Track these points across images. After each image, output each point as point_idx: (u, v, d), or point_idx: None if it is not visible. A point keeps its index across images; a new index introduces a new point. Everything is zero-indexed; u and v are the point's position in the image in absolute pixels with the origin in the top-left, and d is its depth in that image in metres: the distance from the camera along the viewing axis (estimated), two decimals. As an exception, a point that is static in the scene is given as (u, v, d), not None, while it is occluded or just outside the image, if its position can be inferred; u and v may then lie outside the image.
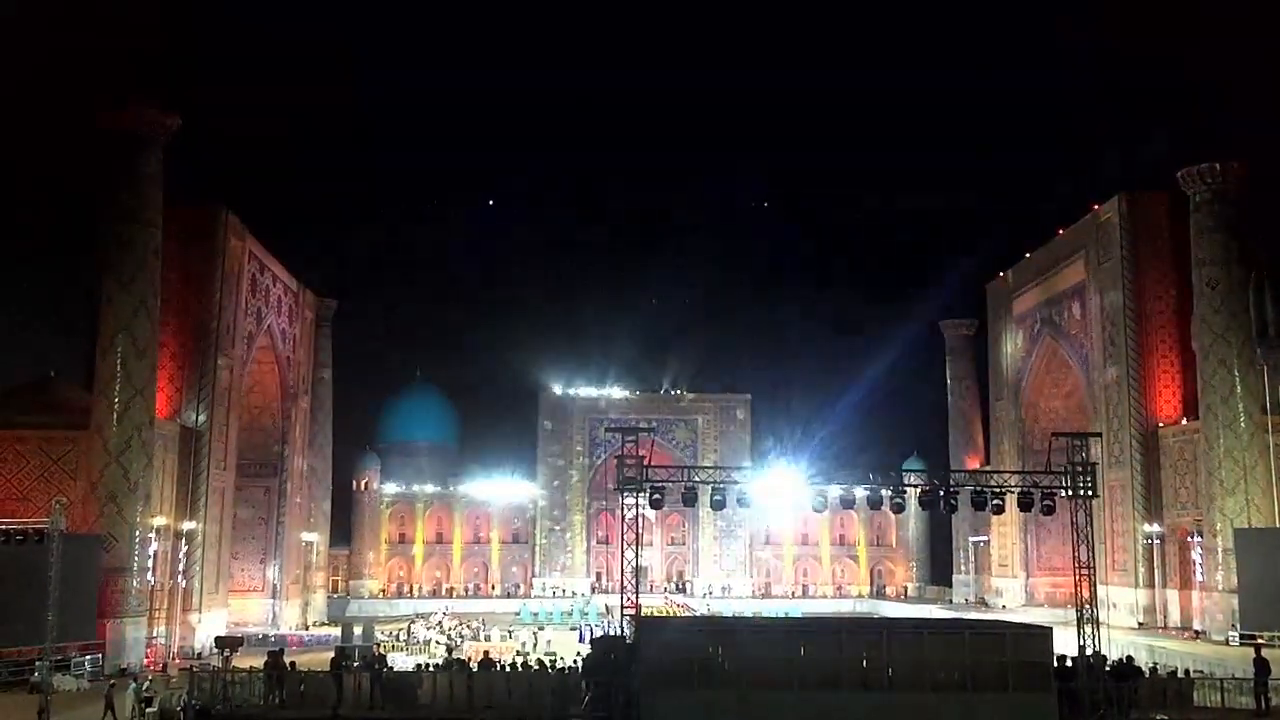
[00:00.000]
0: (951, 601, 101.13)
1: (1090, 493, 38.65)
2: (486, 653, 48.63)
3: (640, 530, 41.16)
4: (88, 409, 56.45)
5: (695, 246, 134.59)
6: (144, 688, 39.01)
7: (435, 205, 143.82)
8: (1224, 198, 67.24)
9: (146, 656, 55.82)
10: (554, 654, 53.34)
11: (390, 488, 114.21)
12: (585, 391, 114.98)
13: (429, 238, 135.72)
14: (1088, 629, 36.04)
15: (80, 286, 65.96)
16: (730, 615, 75.42)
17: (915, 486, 43.28)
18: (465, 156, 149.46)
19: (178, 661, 56.79)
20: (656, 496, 40.63)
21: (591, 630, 65.86)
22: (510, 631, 72.75)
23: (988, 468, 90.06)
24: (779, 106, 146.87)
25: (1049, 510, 41.74)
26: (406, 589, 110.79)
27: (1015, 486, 42.43)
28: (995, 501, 42.10)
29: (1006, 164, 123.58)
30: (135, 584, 55.70)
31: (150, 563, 58.24)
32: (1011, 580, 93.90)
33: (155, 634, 58.94)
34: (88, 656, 49.75)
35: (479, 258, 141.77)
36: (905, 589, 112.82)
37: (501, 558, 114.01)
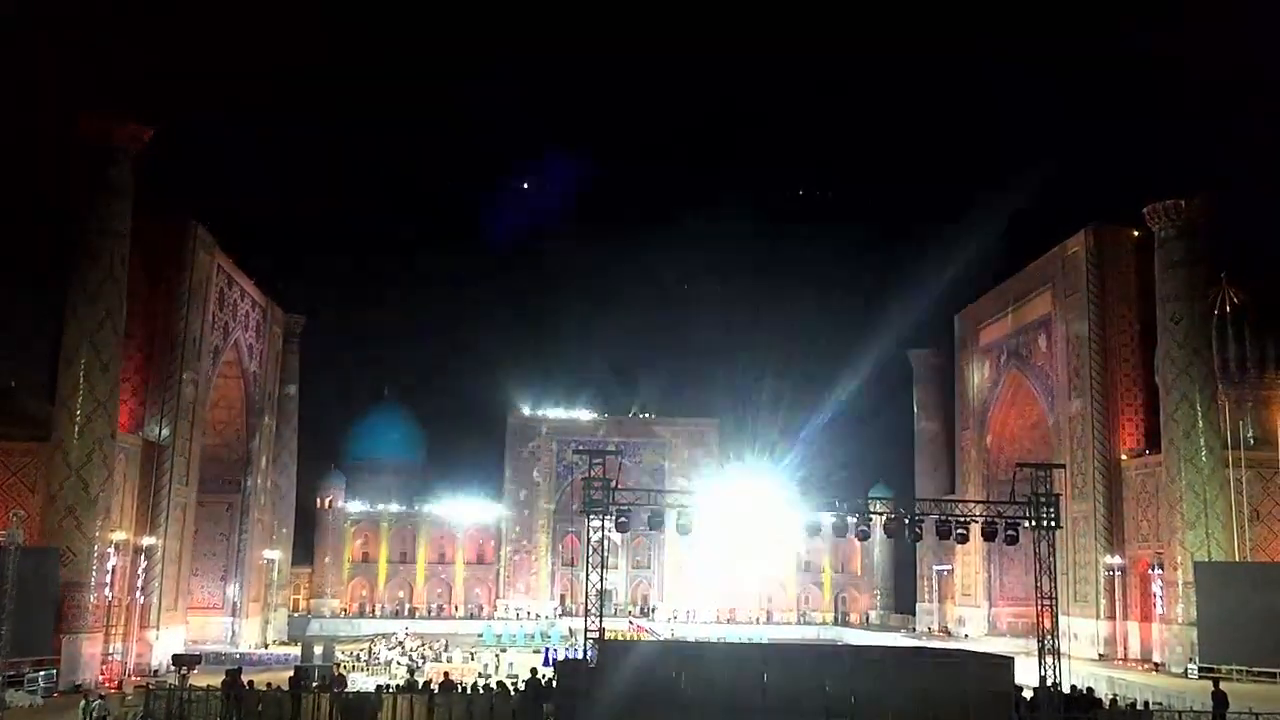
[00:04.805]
0: (914, 630, 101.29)
1: (1053, 524, 38.95)
2: (448, 674, 48.09)
3: (605, 553, 40.95)
4: (48, 421, 55.63)
5: (665, 270, 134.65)
6: (96, 705, 38.37)
7: (406, 223, 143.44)
8: (1188, 234, 68.19)
9: (102, 673, 54.95)
10: (516, 676, 52.85)
11: (355, 506, 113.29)
12: (553, 413, 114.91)
13: (399, 257, 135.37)
14: (1049, 659, 36.26)
15: (44, 296, 65.04)
16: (694, 640, 75.15)
17: (881, 514, 43.41)
18: (436, 176, 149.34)
19: (134, 678, 55.95)
20: (623, 519, 40.56)
21: (552, 653, 65.49)
22: (473, 653, 72.12)
23: (953, 497, 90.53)
24: (748, 131, 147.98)
25: (1012, 540, 42.01)
26: (369, 608, 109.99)
27: (979, 516, 42.70)
28: (959, 531, 42.40)
29: (975, 195, 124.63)
30: (93, 599, 54.80)
31: (108, 578, 57.49)
32: (974, 609, 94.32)
33: (112, 650, 58.02)
34: (42, 672, 48.88)
35: (449, 277, 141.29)
36: (869, 616, 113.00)
37: (465, 578, 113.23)
